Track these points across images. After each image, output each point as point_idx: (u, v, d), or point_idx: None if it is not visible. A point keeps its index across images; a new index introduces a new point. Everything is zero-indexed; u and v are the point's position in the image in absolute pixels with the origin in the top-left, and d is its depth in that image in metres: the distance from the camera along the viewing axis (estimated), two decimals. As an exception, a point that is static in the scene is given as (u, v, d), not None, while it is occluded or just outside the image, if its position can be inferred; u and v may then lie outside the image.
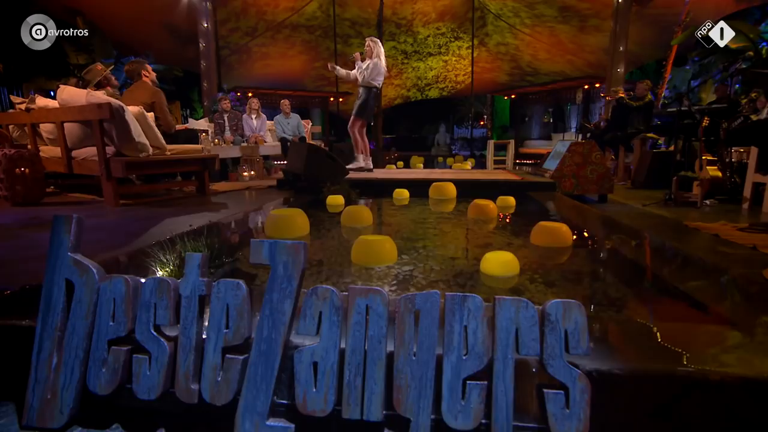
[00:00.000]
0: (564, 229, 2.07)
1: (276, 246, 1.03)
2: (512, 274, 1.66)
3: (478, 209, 2.87)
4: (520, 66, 13.52)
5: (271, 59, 12.61)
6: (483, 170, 5.53)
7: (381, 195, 4.30)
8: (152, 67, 9.85)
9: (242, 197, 4.05)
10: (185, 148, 3.83)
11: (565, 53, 11.80)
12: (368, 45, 5.02)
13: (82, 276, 1.10)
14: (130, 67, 3.94)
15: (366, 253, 1.77)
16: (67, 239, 1.13)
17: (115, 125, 3.21)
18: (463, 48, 13.58)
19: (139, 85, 3.93)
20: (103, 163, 3.29)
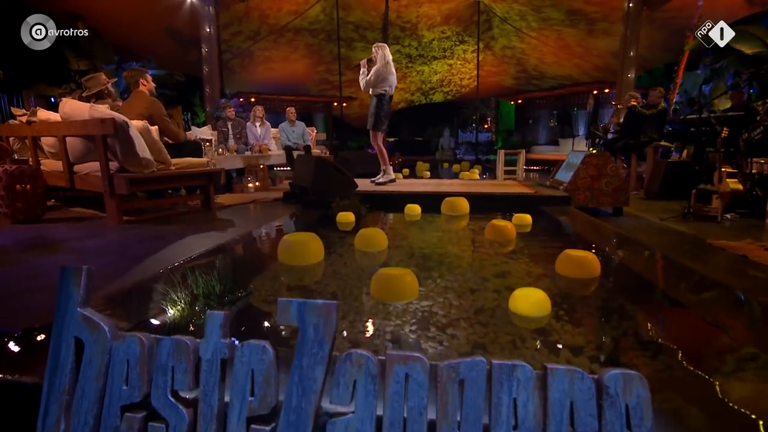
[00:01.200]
0: (591, 260, 1.99)
1: (305, 307, 0.96)
2: (543, 315, 1.58)
3: (495, 230, 2.79)
4: (526, 70, 13.47)
5: (274, 63, 12.58)
6: (494, 181, 5.45)
7: (391, 208, 4.23)
8: (153, 73, 9.83)
9: (249, 212, 3.98)
10: (190, 161, 3.77)
11: (572, 57, 11.75)
12: (374, 52, 4.94)
13: (93, 334, 1.02)
14: (128, 75, 3.87)
15: (387, 289, 1.70)
16: (76, 293, 1.06)
17: (119, 141, 3.15)
18: (468, 51, 13.54)
19: (136, 95, 3.86)
20: (106, 180, 3.22)
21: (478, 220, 3.72)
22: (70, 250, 2.57)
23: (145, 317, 1.55)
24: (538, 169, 10.48)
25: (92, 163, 3.48)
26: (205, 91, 9.13)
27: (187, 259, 2.30)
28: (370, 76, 4.88)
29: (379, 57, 4.89)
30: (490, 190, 4.53)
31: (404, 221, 3.75)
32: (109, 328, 1.03)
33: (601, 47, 10.89)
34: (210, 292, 1.71)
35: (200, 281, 1.74)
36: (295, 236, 2.29)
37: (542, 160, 10.55)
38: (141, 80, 3.84)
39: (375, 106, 4.96)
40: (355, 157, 6.38)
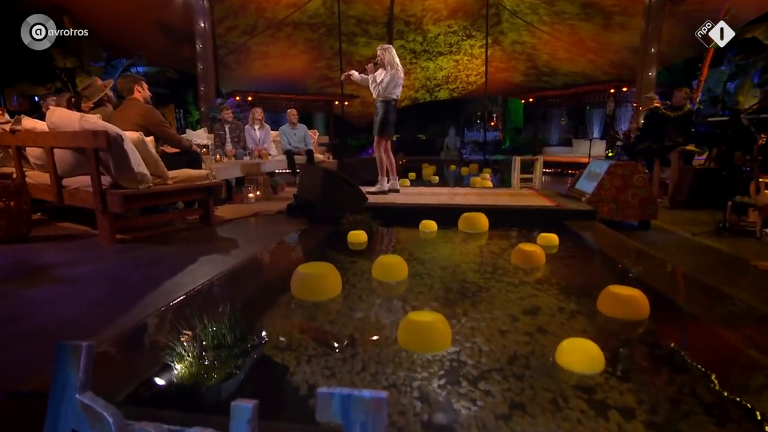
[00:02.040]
0: (640, 300, 1.87)
1: (350, 401, 0.83)
2: (596, 372, 1.45)
3: (523, 256, 2.67)
4: (537, 66, 13.34)
5: (271, 59, 12.43)
6: (510, 190, 5.33)
7: (404, 222, 4.12)
8: (144, 70, 9.71)
9: (251, 228, 3.86)
10: (188, 174, 3.63)
11: (586, 52, 11.61)
12: (379, 55, 4.81)
13: (95, 426, 0.90)
14: (122, 81, 3.74)
15: (417, 339, 1.58)
16: (74, 376, 0.93)
17: (112, 155, 3.01)
18: (476, 47, 13.40)
19: (130, 103, 3.73)
20: (98, 196, 3.09)
21: (499, 239, 3.60)
22: (59, 279, 2.44)
23: (147, 377, 1.42)
24: (551, 172, 10.35)
25: (82, 177, 3.35)
26: (200, 90, 8.99)
27: (190, 291, 2.17)
28: (384, 81, 4.75)
29: (387, 60, 4.76)
30: (508, 202, 4.41)
31: (419, 239, 3.63)
32: (114, 419, 0.90)
33: (618, 42, 10.75)
34: (220, 342, 1.58)
35: (208, 329, 1.61)
36: (311, 268, 2.16)
37: (555, 163, 10.41)
38: (136, 87, 3.71)
39: (384, 112, 4.84)
40: (361, 164, 6.26)
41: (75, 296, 2.17)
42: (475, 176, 7.80)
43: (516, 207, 4.17)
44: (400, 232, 3.95)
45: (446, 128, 19.93)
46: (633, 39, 10.10)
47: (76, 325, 1.84)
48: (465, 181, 8.92)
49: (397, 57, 4.84)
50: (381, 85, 4.76)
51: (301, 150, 6.74)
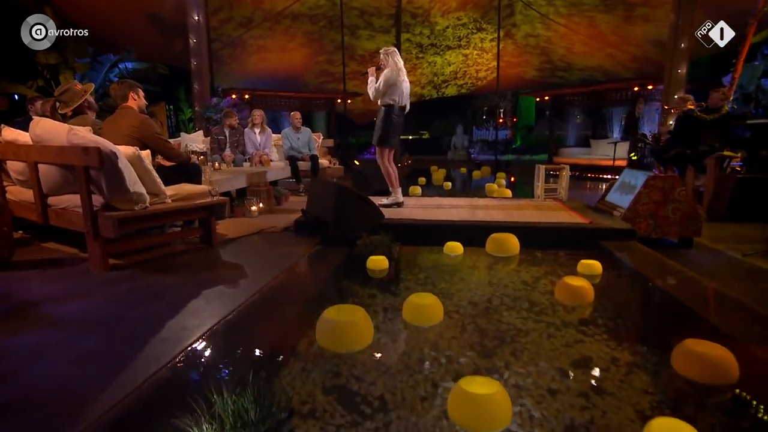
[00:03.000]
0: (728, 359, 1.68)
1: None
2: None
3: (569, 292, 2.48)
4: (552, 60, 13.18)
5: (269, 53, 12.26)
6: (535, 202, 5.15)
7: (424, 241, 3.94)
8: (133, 66, 9.50)
9: (258, 250, 3.67)
10: (188, 191, 3.44)
11: (605, 46, 11.45)
12: (382, 58, 4.63)
13: None
14: (116, 88, 3.54)
15: (473, 414, 1.39)
16: None
17: (105, 174, 2.82)
18: (487, 40, 13.24)
19: (124, 112, 3.53)
20: (89, 219, 2.90)
21: (531, 264, 3.41)
22: (46, 321, 2.25)
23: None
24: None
25: (71, 196, 3.17)
26: (194, 88, 8.80)
27: (198, 339, 1.99)
28: (379, 84, 4.58)
29: (391, 65, 4.58)
30: (537, 218, 4.23)
31: (444, 264, 3.45)
32: None
33: (640, 35, 10.58)
34: (243, 420, 1.39)
35: (228, 401, 1.42)
36: (340, 313, 1.97)
37: (572, 165, 10.22)
38: (131, 94, 3.52)
39: (382, 118, 4.66)
40: (372, 171, 6.04)
41: (65, 346, 1.98)
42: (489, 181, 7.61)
43: (547, 225, 3.98)
44: (422, 253, 3.77)
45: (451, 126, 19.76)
46: (656, 32, 9.93)
47: (65, 391, 1.65)
48: (477, 186, 8.75)
49: (402, 62, 4.64)
50: (378, 86, 4.56)
51: (305, 156, 6.55)
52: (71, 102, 3.80)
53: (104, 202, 2.99)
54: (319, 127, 13.51)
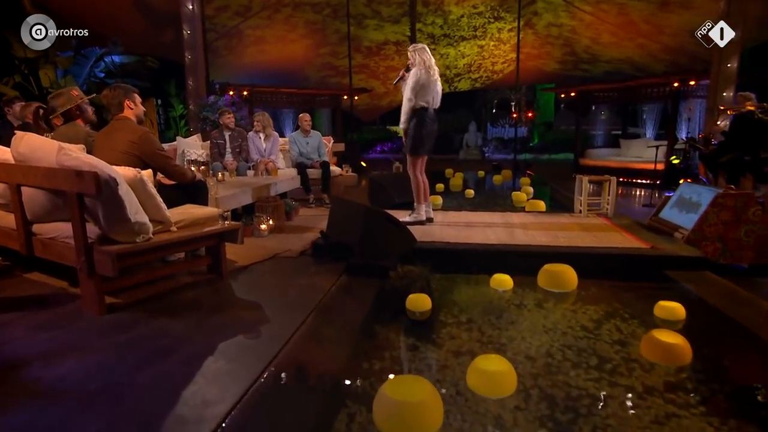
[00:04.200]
0: None
1: None
2: None
3: (661, 351, 2.22)
4: (575, 52, 12.90)
5: (267, 44, 11.99)
6: (577, 219, 4.88)
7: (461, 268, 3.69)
8: (120, 60, 9.20)
9: (274, 282, 3.40)
10: (195, 215, 3.17)
11: (636, 36, 11.16)
12: (410, 56, 4.38)
13: None
14: (109, 94, 3.25)
15: None
16: None
17: (103, 202, 2.55)
18: (505, 30, 12.97)
19: (119, 125, 3.25)
20: (82, 254, 2.63)
21: (591, 302, 3.15)
22: (32, 392, 1.97)
23: None
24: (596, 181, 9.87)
25: (61, 224, 2.90)
26: (188, 84, 8.51)
27: (224, 419, 1.73)
28: (407, 92, 4.37)
29: (418, 62, 4.32)
30: (586, 242, 3.97)
31: (490, 300, 3.18)
32: None
33: (676, 25, 10.28)
34: None
35: None
36: (403, 390, 1.70)
37: (599, 168, 9.94)
38: (126, 102, 3.24)
39: (414, 124, 4.40)
40: (390, 180, 5.78)
41: (62, 429, 1.72)
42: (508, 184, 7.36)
43: (602, 251, 3.71)
44: (459, 285, 3.51)
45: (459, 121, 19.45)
46: (696, 21, 9.60)
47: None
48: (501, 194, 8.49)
49: (432, 59, 4.38)
50: (407, 90, 4.32)
51: (316, 162, 6.28)
52: (61, 107, 3.53)
53: (101, 234, 2.72)
54: (323, 126, 13.24)
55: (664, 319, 2.71)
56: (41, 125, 3.73)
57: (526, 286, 3.35)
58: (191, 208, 3.30)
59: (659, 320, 2.76)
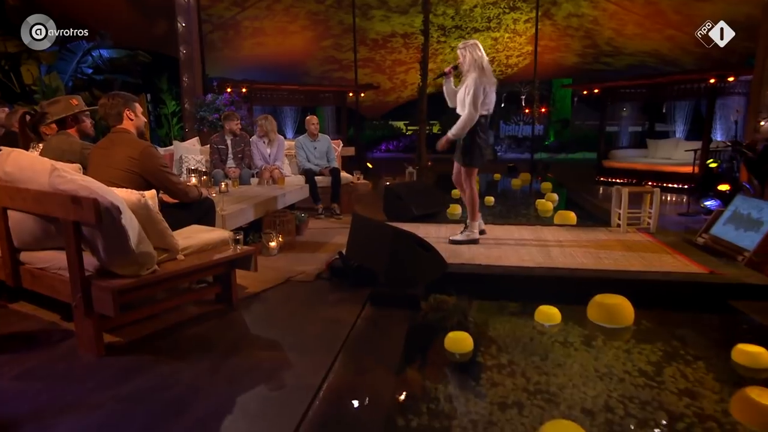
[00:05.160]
0: None
1: None
2: None
3: (756, 414, 2.01)
4: (597, 44, 12.76)
5: (266, 36, 11.85)
6: (617, 235, 4.68)
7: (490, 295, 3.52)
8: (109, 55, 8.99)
9: (290, 313, 3.22)
10: (204, 240, 2.98)
11: (664, 27, 11.00)
12: (460, 55, 4.16)
13: None
14: (106, 103, 3.04)
15: None
16: None
17: (104, 233, 2.36)
18: (521, 21, 12.81)
19: (118, 138, 3.04)
20: (79, 289, 2.44)
21: (644, 339, 2.95)
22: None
23: None
24: (620, 183, 9.69)
25: (53, 254, 2.71)
26: (183, 81, 8.31)
27: None
28: (469, 106, 4.12)
29: (469, 62, 4.12)
30: (634, 264, 3.77)
31: (532, 337, 2.99)
32: None
33: (709, 14, 10.06)
34: None
35: None
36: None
37: (624, 170, 9.77)
38: (126, 112, 3.04)
39: (472, 132, 4.23)
40: (408, 191, 5.59)
41: None
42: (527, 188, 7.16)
43: (657, 279, 3.50)
44: (493, 315, 3.31)
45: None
46: (732, 10, 9.44)
47: None
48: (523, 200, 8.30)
49: (486, 57, 4.18)
50: (468, 97, 4.12)
51: (325, 170, 6.08)
52: (55, 115, 3.34)
53: (98, 264, 2.52)
54: (326, 125, 13.04)
55: (749, 365, 2.50)
56: (28, 134, 3.54)
57: (570, 318, 3.15)
58: (199, 231, 3.12)
59: (739, 367, 2.55)
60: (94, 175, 2.93)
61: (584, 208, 7.02)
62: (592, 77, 15.30)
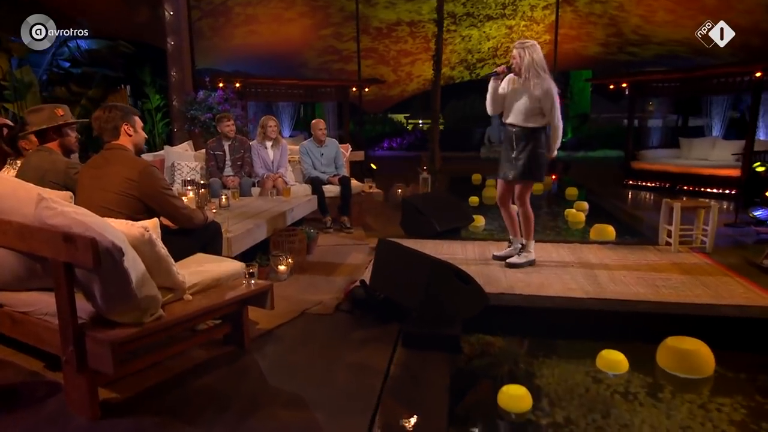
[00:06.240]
0: None
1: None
2: None
3: None
4: (622, 32, 12.62)
5: (260, 24, 11.69)
6: (672, 257, 4.48)
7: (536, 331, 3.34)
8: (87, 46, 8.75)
9: (312, 359, 3.01)
10: (214, 275, 2.77)
11: (698, 13, 10.81)
12: (516, 56, 3.93)
13: None
14: (102, 115, 2.82)
15: None
16: None
17: (102, 277, 2.15)
18: (539, 8, 12.70)
19: (114, 155, 2.83)
20: (70, 342, 2.22)
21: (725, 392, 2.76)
22: None
23: None
24: (651, 187, 9.52)
25: (38, 295, 2.50)
26: (170, 75, 8.08)
27: None
28: (556, 119, 4.04)
29: (528, 65, 3.90)
30: (699, 295, 3.56)
31: (590, 387, 2.79)
32: None
33: (751, 0, 9.98)
34: None
35: None
36: None
37: (655, 173, 9.58)
38: (124, 127, 2.82)
39: (534, 146, 4.08)
40: (430, 204, 5.37)
41: None
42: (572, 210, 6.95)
43: (731, 314, 3.28)
44: (542, 356, 3.11)
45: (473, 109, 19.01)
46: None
47: None
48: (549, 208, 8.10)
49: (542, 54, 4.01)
50: (550, 106, 3.98)
51: (334, 178, 5.87)
52: (36, 125, 3.12)
53: (93, 311, 2.31)
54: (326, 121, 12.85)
55: None
56: (4, 149, 3.32)
57: (633, 361, 2.95)
58: (206, 262, 2.92)
59: None
60: (83, 200, 2.75)
61: (618, 219, 6.83)
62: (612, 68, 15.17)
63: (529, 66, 3.89)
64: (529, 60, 3.88)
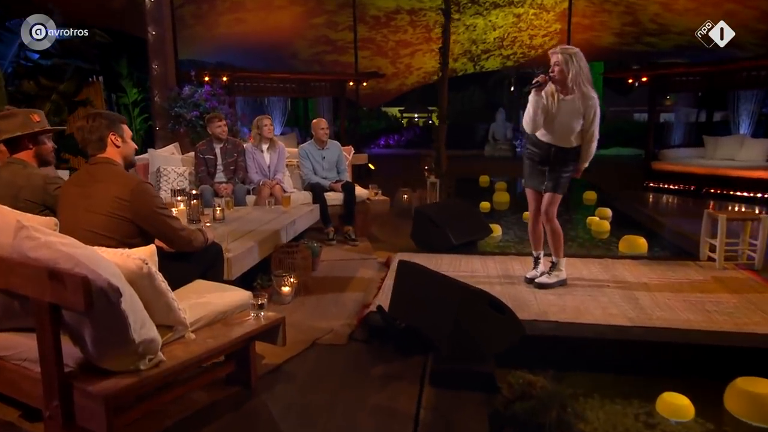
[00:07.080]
0: None
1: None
2: None
3: None
4: (640, 21, 12.55)
5: (246, 12, 11.56)
6: (718, 275, 4.35)
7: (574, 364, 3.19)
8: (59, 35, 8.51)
9: (327, 400, 2.83)
10: (218, 308, 2.57)
11: (723, 0, 10.76)
12: (561, 62, 3.70)
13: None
14: (86, 125, 2.62)
15: None
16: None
17: (95, 321, 1.96)
18: (549, -5, 12.57)
19: (101, 170, 2.63)
20: (55, 395, 2.03)
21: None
22: None
23: None
24: (675, 190, 9.43)
25: (15, 337, 2.31)
26: (152, 68, 7.86)
27: None
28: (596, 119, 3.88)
29: (575, 75, 3.70)
30: (756, 322, 3.40)
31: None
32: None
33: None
34: None
35: None
36: None
37: (678, 174, 9.48)
38: (111, 137, 2.62)
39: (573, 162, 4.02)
40: (443, 214, 5.20)
41: None
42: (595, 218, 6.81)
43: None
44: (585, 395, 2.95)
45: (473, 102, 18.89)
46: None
47: None
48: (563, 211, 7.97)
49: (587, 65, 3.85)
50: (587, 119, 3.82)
51: (336, 184, 5.70)
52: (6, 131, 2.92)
53: (82, 357, 2.13)
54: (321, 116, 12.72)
55: None
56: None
57: (696, 401, 2.80)
58: (208, 292, 2.74)
59: None
60: (67, 223, 2.57)
61: (646, 227, 6.71)
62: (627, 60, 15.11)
63: (576, 76, 3.70)
64: (576, 69, 3.68)
